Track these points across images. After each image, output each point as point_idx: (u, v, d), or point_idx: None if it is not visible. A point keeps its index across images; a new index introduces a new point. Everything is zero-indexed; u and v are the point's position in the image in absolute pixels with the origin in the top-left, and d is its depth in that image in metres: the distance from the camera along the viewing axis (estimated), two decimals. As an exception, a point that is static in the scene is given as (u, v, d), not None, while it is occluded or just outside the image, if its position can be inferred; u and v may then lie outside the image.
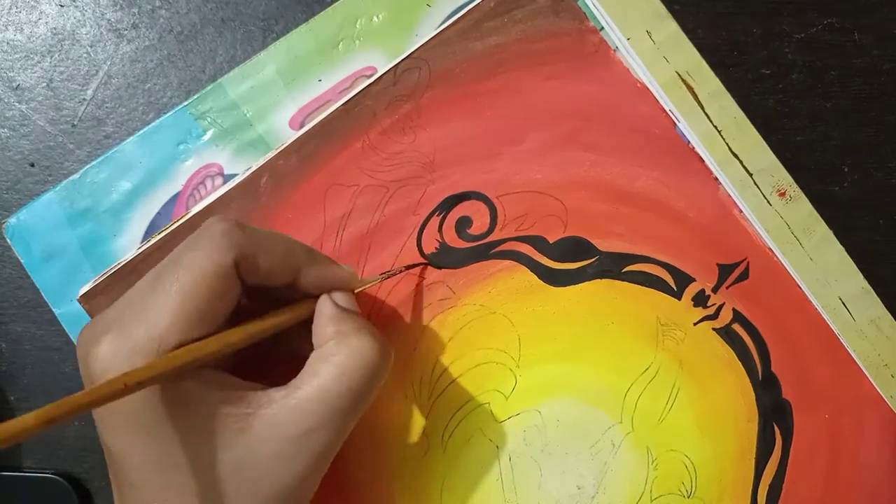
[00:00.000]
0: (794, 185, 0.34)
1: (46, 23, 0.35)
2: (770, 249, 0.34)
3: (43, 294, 0.34)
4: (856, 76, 0.35)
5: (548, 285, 0.34)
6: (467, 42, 0.34)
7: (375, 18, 0.34)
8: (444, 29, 0.33)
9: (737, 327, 0.34)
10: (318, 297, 0.29)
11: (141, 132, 0.34)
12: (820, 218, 0.35)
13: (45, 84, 0.35)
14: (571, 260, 0.34)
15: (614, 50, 0.34)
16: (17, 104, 0.34)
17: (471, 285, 0.34)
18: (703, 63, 0.34)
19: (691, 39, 0.34)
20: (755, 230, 0.34)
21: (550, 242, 0.34)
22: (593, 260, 0.34)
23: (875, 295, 0.35)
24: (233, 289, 0.25)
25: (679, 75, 0.34)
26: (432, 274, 0.34)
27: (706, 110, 0.34)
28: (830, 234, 0.35)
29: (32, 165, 0.35)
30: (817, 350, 0.34)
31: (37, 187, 0.35)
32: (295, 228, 0.33)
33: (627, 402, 0.34)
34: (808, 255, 0.34)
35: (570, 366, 0.34)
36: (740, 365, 0.34)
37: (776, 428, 0.34)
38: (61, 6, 0.34)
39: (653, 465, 0.34)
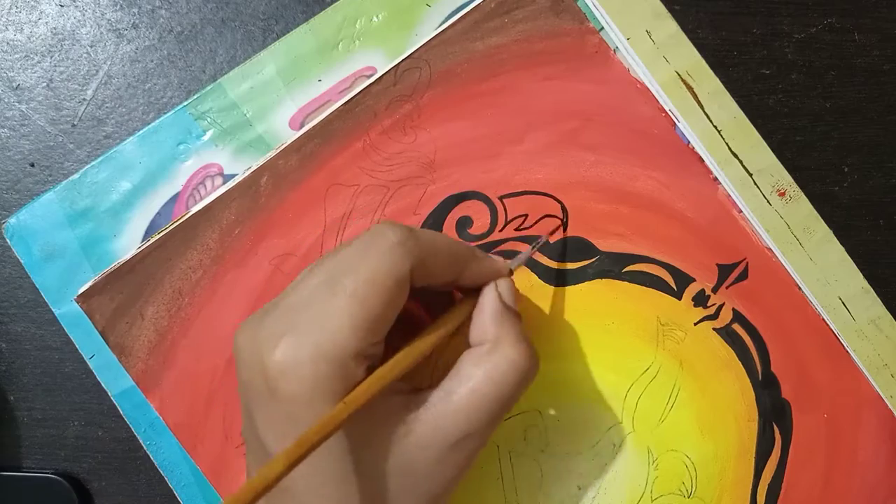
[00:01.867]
0: (794, 185, 0.35)
1: (46, 23, 0.35)
2: (770, 249, 0.34)
3: (42, 294, 0.34)
4: (856, 76, 0.36)
5: (548, 285, 0.34)
6: (468, 42, 0.34)
7: (375, 18, 0.34)
8: (445, 29, 0.33)
9: (737, 327, 0.34)
10: (476, 291, 0.29)
11: (141, 132, 0.34)
12: (820, 218, 0.35)
13: (45, 84, 0.35)
14: (571, 260, 0.34)
15: (614, 50, 0.34)
16: (17, 104, 0.34)
17: (471, 285, 0.34)
18: (703, 63, 0.34)
19: (691, 39, 0.34)
20: (755, 230, 0.34)
21: (551, 242, 0.34)
22: (593, 260, 0.34)
23: (875, 295, 0.35)
24: (405, 294, 0.26)
25: (679, 75, 0.34)
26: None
27: (706, 110, 0.34)
28: (830, 234, 0.35)
29: (32, 165, 0.35)
30: (817, 350, 0.34)
31: (37, 187, 0.35)
32: (295, 228, 0.33)
33: (628, 402, 0.34)
34: (808, 255, 0.34)
35: (570, 366, 0.34)
36: (740, 365, 0.34)
37: (776, 427, 0.34)
38: (61, 6, 0.34)
39: (653, 465, 0.34)
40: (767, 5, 0.35)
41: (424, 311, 0.32)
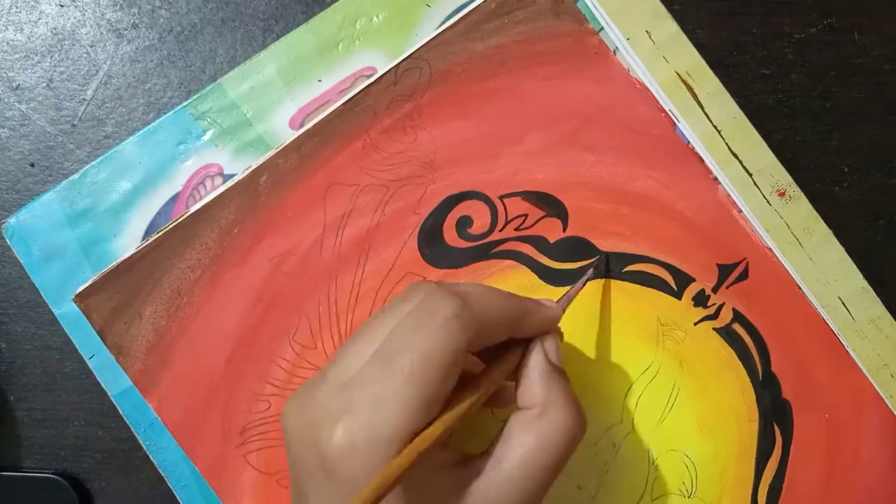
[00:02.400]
0: (794, 185, 0.35)
1: (46, 23, 0.35)
2: (770, 249, 0.34)
3: (42, 294, 0.34)
4: (856, 76, 0.36)
5: (548, 285, 0.34)
6: (468, 42, 0.34)
7: (375, 18, 0.34)
8: (446, 29, 0.34)
9: (737, 327, 0.34)
10: (524, 342, 0.28)
11: (140, 132, 0.34)
12: (820, 218, 0.35)
13: (45, 84, 0.35)
14: (572, 260, 0.34)
15: (614, 51, 0.34)
16: (17, 104, 0.34)
17: (471, 285, 0.34)
18: (703, 63, 0.35)
19: (691, 39, 0.34)
20: (755, 230, 0.34)
21: (551, 242, 0.34)
22: (594, 260, 0.34)
23: (875, 295, 0.35)
24: (461, 367, 0.25)
25: (679, 75, 0.34)
26: (433, 274, 0.34)
27: (706, 110, 0.34)
28: (830, 234, 0.35)
29: (32, 165, 0.35)
30: (817, 350, 0.34)
31: (37, 187, 0.35)
32: (295, 227, 0.33)
33: (628, 402, 0.34)
34: (807, 255, 0.34)
35: (570, 366, 0.34)
36: (740, 365, 0.34)
37: (776, 427, 0.34)
38: (61, 6, 0.34)
39: (653, 465, 0.34)
40: (767, 5, 0.35)
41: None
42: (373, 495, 0.21)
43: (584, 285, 0.32)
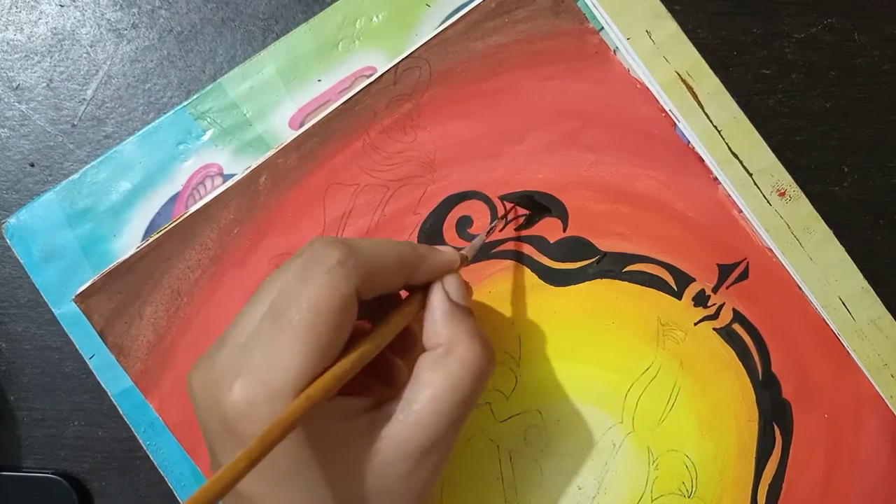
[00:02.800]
0: (794, 185, 0.34)
1: (46, 23, 0.35)
2: (770, 249, 0.34)
3: (42, 294, 0.34)
4: (856, 76, 0.36)
5: (548, 285, 0.34)
6: (468, 42, 0.34)
7: (375, 18, 0.34)
8: (445, 28, 0.33)
9: (737, 327, 0.34)
10: (424, 288, 0.28)
11: (140, 132, 0.34)
12: (820, 218, 0.35)
13: (45, 84, 0.35)
14: (572, 260, 0.34)
15: (614, 50, 0.34)
16: (17, 104, 0.34)
17: (472, 285, 0.34)
18: (703, 63, 0.34)
19: (691, 39, 0.34)
20: (755, 230, 0.34)
21: (551, 242, 0.34)
22: (593, 260, 0.34)
23: (875, 295, 0.35)
24: (354, 313, 0.25)
25: (679, 75, 0.34)
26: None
27: (706, 110, 0.34)
28: (830, 233, 0.35)
29: (32, 165, 0.35)
30: (817, 350, 0.34)
31: (37, 187, 0.35)
32: (294, 227, 0.33)
33: (628, 402, 0.34)
34: (807, 255, 0.34)
35: (570, 365, 0.34)
36: (740, 365, 0.34)
37: (776, 427, 0.34)
38: (61, 6, 0.34)
39: (653, 465, 0.34)
40: (768, 5, 0.35)
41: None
42: (259, 446, 0.21)
43: (487, 236, 0.32)
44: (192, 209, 0.33)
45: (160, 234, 0.33)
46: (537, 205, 0.34)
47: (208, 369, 0.25)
